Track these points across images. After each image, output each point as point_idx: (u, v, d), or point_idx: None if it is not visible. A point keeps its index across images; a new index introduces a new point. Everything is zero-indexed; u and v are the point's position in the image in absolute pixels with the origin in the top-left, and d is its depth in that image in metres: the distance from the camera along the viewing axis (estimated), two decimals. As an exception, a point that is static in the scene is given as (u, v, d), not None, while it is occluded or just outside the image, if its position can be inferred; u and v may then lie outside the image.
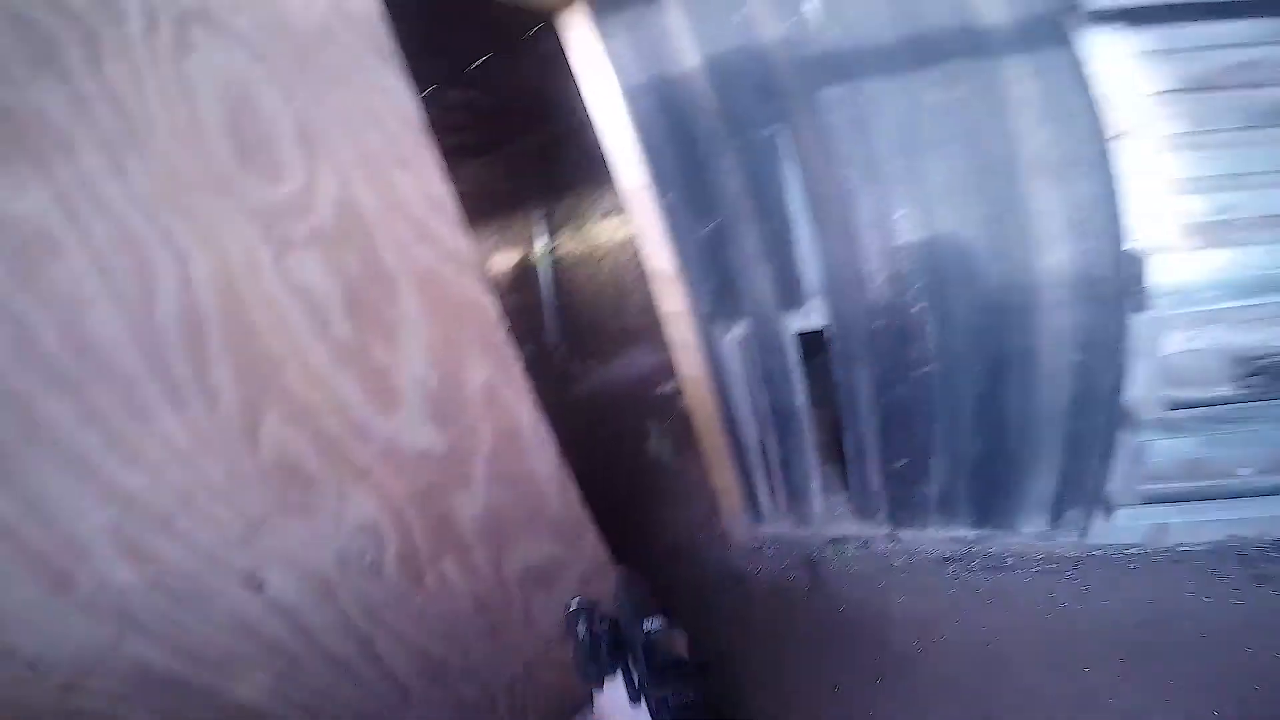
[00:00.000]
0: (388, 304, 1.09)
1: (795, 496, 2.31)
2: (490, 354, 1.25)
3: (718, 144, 1.79)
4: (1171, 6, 1.41)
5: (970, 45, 1.49)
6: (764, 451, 2.23)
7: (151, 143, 0.86)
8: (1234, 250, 1.49)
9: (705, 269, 1.93)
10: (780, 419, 2.16)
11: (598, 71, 1.76)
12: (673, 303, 1.96)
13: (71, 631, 0.79)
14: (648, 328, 3.49)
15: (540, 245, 5.70)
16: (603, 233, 5.23)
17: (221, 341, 0.90)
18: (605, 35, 1.74)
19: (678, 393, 2.51)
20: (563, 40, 1.78)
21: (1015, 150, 1.53)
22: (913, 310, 1.82)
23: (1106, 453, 1.80)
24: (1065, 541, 1.99)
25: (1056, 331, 1.68)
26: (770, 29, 1.62)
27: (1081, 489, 1.89)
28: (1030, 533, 2.02)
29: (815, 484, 2.27)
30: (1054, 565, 1.95)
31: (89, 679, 0.80)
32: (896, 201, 1.68)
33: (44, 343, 0.77)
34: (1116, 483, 1.83)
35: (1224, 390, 1.62)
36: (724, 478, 2.28)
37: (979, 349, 1.80)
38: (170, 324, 0.86)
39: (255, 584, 0.93)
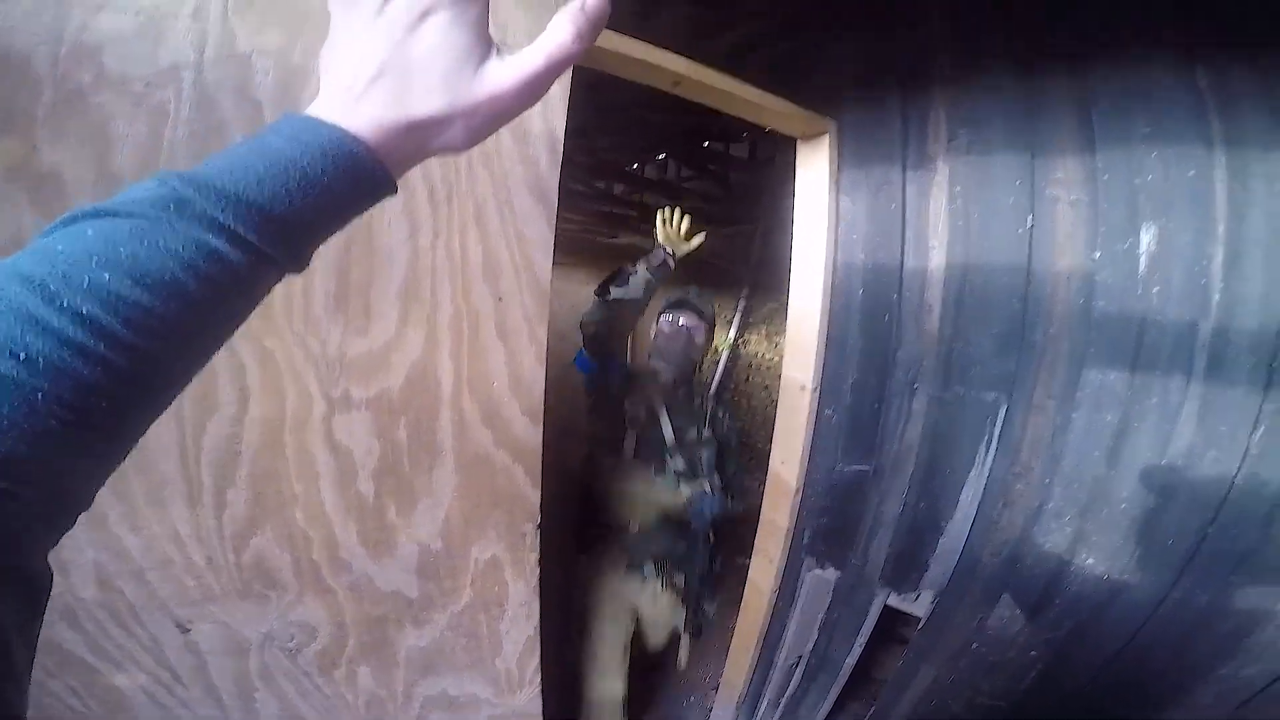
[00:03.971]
0: (421, 477, 1.06)
1: (788, 728, 2.09)
2: (509, 537, 1.20)
3: (918, 381, 1.42)
4: None
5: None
6: (788, 678, 2.01)
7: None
8: None
9: (829, 504, 1.64)
10: (820, 663, 1.92)
11: (814, 227, 1.43)
12: (777, 514, 1.71)
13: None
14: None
15: (729, 334, 5.26)
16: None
17: (249, 472, 0.95)
18: (843, 186, 1.38)
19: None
20: (798, 170, 1.45)
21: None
22: (1031, 652, 1.43)
23: None
24: None
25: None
26: (1067, 258, 1.19)
27: None
28: None
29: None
30: None
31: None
32: (1092, 548, 1.26)
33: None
34: None
35: None
36: (736, 675, 2.11)
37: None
38: (213, 447, 0.91)
39: (184, 628, 1.04)
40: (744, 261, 5.08)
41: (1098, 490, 1.23)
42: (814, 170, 1.46)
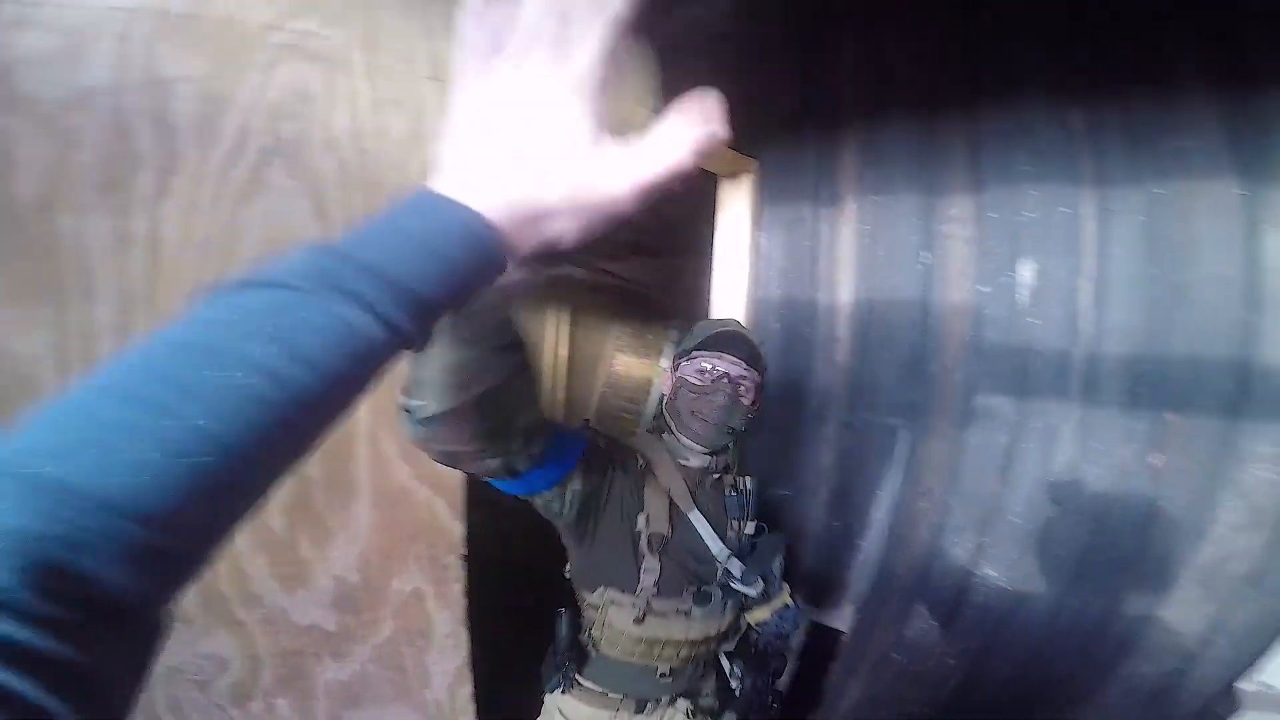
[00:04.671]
0: (336, 512, 1.05)
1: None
2: (431, 568, 1.20)
3: (827, 408, 1.50)
4: None
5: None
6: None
7: (165, 301, 0.85)
8: None
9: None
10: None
11: (735, 265, 1.50)
12: (706, 537, 1.75)
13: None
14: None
15: (662, 363, 5.27)
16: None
17: (150, 506, 0.92)
18: (761, 224, 1.46)
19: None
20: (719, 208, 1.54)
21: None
22: (949, 661, 1.50)
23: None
24: None
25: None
26: (958, 293, 1.29)
27: None
28: None
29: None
30: None
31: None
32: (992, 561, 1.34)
33: None
34: None
35: None
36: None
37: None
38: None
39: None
40: (675, 291, 5.14)
41: (993, 507, 1.32)
42: (735, 209, 1.53)
